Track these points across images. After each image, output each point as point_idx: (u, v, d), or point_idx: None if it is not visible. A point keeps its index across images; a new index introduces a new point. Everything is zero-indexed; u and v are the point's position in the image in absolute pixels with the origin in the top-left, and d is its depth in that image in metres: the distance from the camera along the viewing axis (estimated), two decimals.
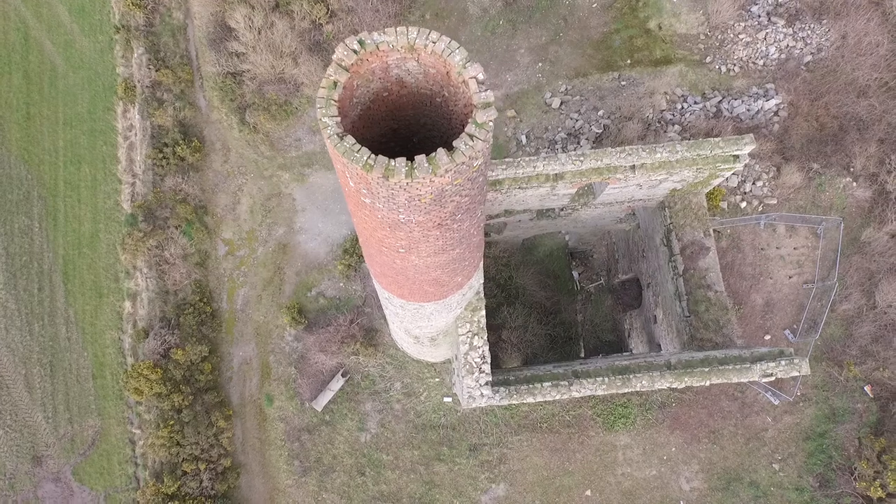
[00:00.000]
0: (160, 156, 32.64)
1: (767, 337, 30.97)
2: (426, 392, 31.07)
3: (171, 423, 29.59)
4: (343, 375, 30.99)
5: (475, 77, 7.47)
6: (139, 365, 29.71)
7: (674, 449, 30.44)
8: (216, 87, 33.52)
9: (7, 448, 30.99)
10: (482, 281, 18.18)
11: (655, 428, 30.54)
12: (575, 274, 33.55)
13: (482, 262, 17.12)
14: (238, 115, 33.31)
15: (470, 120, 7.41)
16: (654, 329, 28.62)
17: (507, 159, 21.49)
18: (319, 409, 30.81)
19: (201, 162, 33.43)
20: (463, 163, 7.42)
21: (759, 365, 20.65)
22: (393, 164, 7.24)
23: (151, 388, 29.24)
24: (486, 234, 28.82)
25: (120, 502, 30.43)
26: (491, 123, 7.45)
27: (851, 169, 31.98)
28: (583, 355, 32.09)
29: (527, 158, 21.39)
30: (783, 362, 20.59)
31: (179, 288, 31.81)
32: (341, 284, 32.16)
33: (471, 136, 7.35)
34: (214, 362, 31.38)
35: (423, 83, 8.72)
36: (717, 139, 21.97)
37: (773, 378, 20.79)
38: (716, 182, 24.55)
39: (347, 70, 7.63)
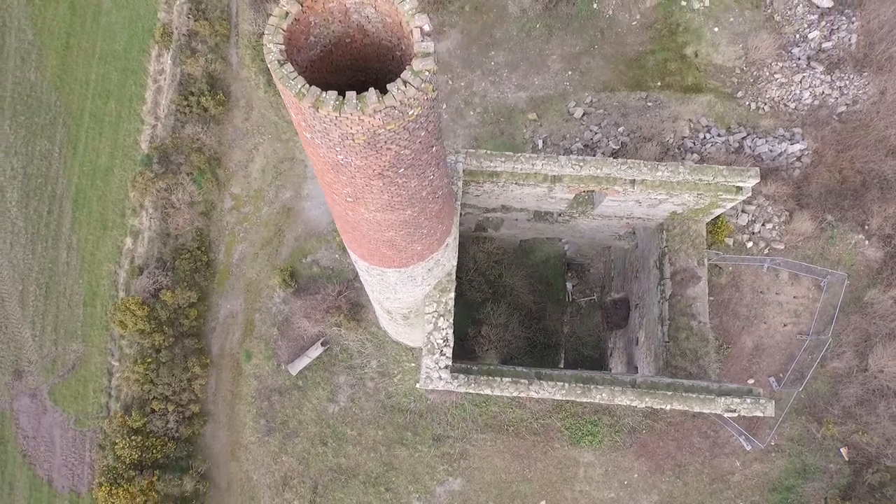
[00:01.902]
0: (185, 103, 33.39)
1: (751, 381, 30.41)
2: (400, 375, 31.21)
3: (149, 360, 30.23)
4: (322, 345, 31.29)
5: (420, 27, 7.61)
6: (128, 300, 30.42)
7: (636, 475, 30.08)
8: (250, 45, 34.17)
9: None
10: (455, 263, 18.27)
11: (621, 451, 30.21)
12: (568, 285, 33.38)
13: (455, 243, 17.22)
14: (266, 76, 33.90)
15: (408, 66, 7.55)
16: (634, 351, 28.34)
17: (507, 152, 21.56)
18: (294, 374, 31.16)
19: (223, 116, 34.10)
20: (393, 107, 7.55)
21: (723, 399, 20.36)
22: (323, 95, 7.42)
23: (136, 324, 29.91)
24: (483, 229, 28.88)
25: (88, 427, 31.18)
26: (427, 73, 7.57)
27: (866, 227, 31.27)
28: (562, 366, 31.89)
29: (527, 155, 21.43)
30: (749, 400, 20.27)
31: (180, 233, 32.50)
32: (336, 256, 32.51)
33: (404, 82, 7.49)
34: (201, 310, 31.96)
35: (383, 34, 8.88)
36: (721, 167, 21.74)
37: (736, 414, 20.47)
38: (717, 212, 24.25)
39: (300, 3, 7.83)
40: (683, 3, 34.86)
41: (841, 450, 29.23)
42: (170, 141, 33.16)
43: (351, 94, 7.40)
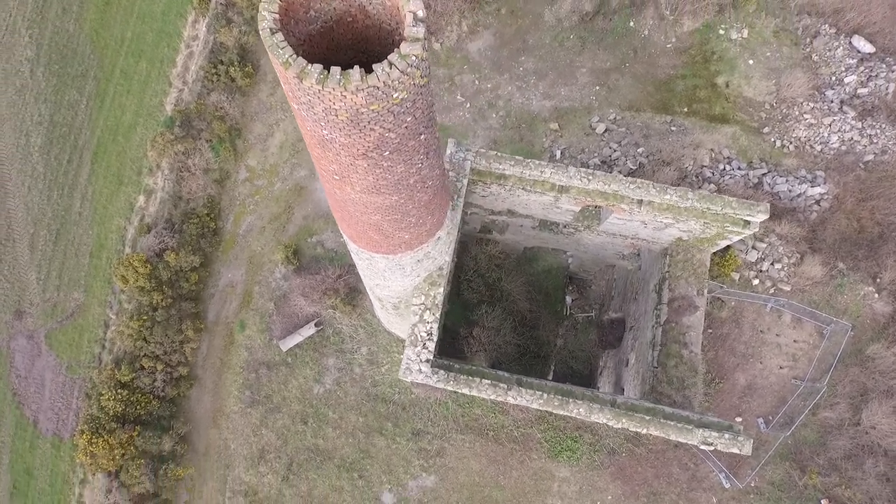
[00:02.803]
0: (213, 71, 33.81)
1: (739, 419, 29.97)
2: (389, 365, 31.31)
3: (145, 318, 30.66)
4: (316, 325, 31.50)
5: (414, 12, 7.65)
6: (132, 256, 30.90)
7: (610, 497, 29.83)
8: None
9: None
10: (448, 259, 18.29)
11: (598, 471, 29.98)
12: (568, 299, 33.21)
13: (449, 238, 17.24)
14: None
15: (396, 49, 7.60)
16: (623, 372, 28.14)
17: (516, 156, 21.54)
18: (284, 350, 31.41)
19: (249, 88, 34.48)
20: (377, 87, 7.61)
21: (701, 430, 20.13)
22: (308, 67, 7.50)
23: (136, 280, 30.37)
24: (488, 231, 28.85)
25: (78, 375, 31.74)
26: (414, 58, 7.61)
27: (878, 280, 30.67)
28: (551, 378, 31.73)
29: (536, 161, 21.39)
30: (727, 436, 20.02)
31: (192, 197, 32.93)
32: (341, 239, 32.67)
33: (390, 64, 7.54)
34: (202, 275, 32.35)
35: (384, 16, 8.94)
36: (731, 198, 21.51)
37: (712, 447, 20.22)
38: (723, 243, 23.98)
39: None
40: (721, 32, 34.53)
41: (821, 501, 28.70)
42: (194, 106, 33.61)
43: (335, 70, 7.47)
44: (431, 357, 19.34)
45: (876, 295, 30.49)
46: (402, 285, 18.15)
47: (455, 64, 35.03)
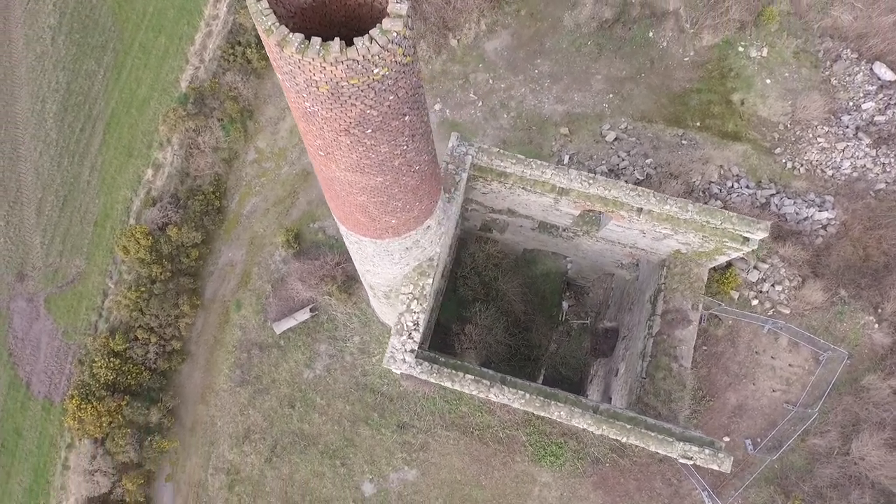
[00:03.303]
0: (230, 51, 34.07)
1: (726, 439, 29.72)
2: (380, 356, 31.35)
3: (143, 290, 30.92)
4: (311, 310, 31.61)
5: None
6: (136, 228, 31.19)
7: None
8: None
9: (1, 255, 33.25)
10: (439, 250, 18.28)
11: (580, 479, 29.83)
12: (565, 304, 33.09)
13: (440, 229, 17.22)
14: None
15: (378, 24, 7.62)
16: (612, 381, 27.98)
17: (518, 155, 21.52)
18: (277, 333, 31.55)
19: (264, 71, 34.68)
20: (356, 60, 7.63)
21: (682, 444, 19.96)
22: (290, 35, 7.54)
23: (138, 252, 30.63)
24: (488, 230, 28.82)
25: (73, 341, 32.06)
26: (395, 34, 7.63)
27: (879, 310, 30.28)
28: (541, 382, 31.61)
29: (538, 161, 21.35)
30: (707, 451, 19.85)
31: (199, 174, 33.18)
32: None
33: (370, 38, 7.57)
34: (203, 252, 32.57)
35: None
36: (731, 213, 21.34)
37: (692, 461, 20.05)
38: (722, 259, 23.77)
39: None
40: (741, 49, 34.28)
41: None
42: (208, 85, 33.87)
43: (316, 40, 7.51)
44: (416, 348, 19.35)
45: (876, 325, 30.10)
46: (392, 273, 18.18)
47: (471, 62, 35.04)
